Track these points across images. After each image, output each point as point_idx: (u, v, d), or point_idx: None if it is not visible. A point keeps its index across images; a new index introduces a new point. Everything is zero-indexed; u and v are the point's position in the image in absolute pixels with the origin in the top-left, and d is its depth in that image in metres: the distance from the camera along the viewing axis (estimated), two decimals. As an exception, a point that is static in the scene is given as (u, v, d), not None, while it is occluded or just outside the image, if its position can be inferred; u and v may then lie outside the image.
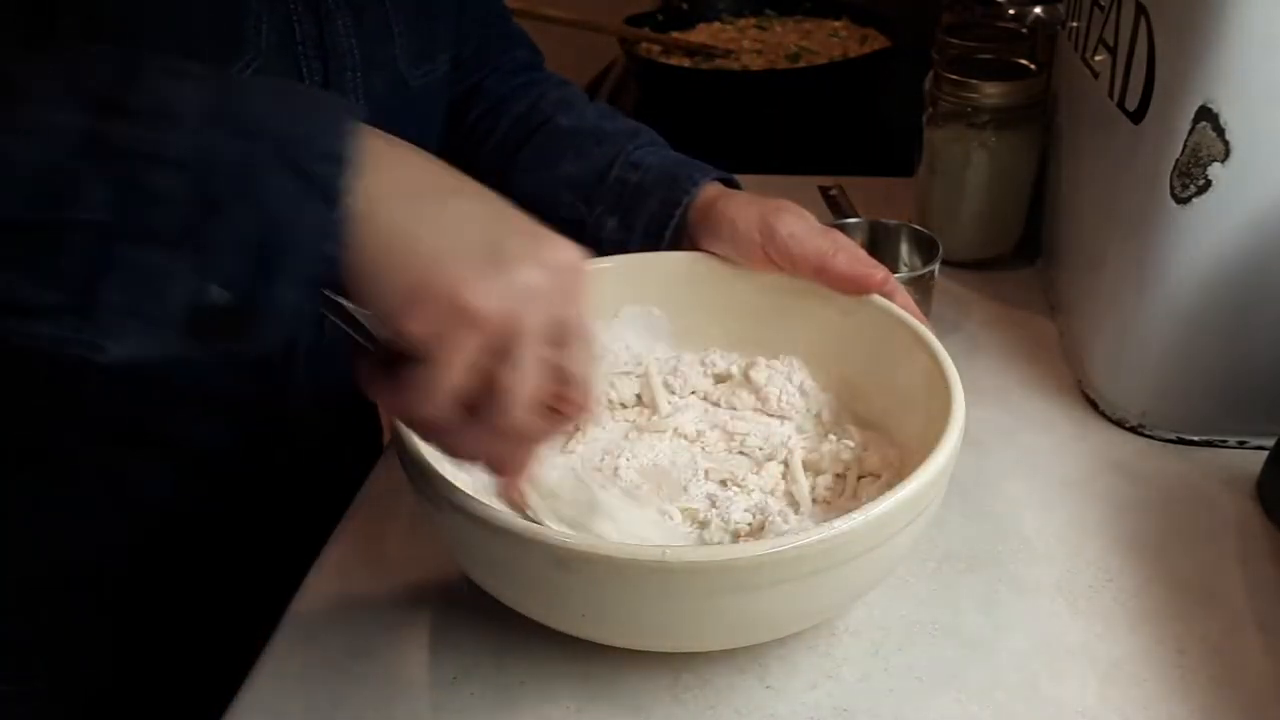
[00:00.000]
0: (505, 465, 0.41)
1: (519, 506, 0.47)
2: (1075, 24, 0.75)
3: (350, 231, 0.34)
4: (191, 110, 0.31)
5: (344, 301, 0.36)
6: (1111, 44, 0.66)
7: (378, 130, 0.36)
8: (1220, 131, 0.56)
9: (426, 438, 0.42)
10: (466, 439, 0.38)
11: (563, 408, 0.39)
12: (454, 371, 0.35)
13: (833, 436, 0.58)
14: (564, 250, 0.38)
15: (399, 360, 0.36)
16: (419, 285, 0.34)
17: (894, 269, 0.66)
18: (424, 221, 0.35)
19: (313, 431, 0.66)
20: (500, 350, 0.36)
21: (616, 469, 0.57)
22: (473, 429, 0.37)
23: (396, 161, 0.36)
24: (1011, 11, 0.97)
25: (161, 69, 0.32)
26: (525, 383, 0.37)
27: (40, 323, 0.32)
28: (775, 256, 0.60)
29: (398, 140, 0.37)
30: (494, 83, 0.74)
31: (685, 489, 0.56)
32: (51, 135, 0.30)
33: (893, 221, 0.77)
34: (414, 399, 0.36)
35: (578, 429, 0.49)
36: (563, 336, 0.38)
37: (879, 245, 0.77)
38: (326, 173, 0.33)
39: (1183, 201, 0.58)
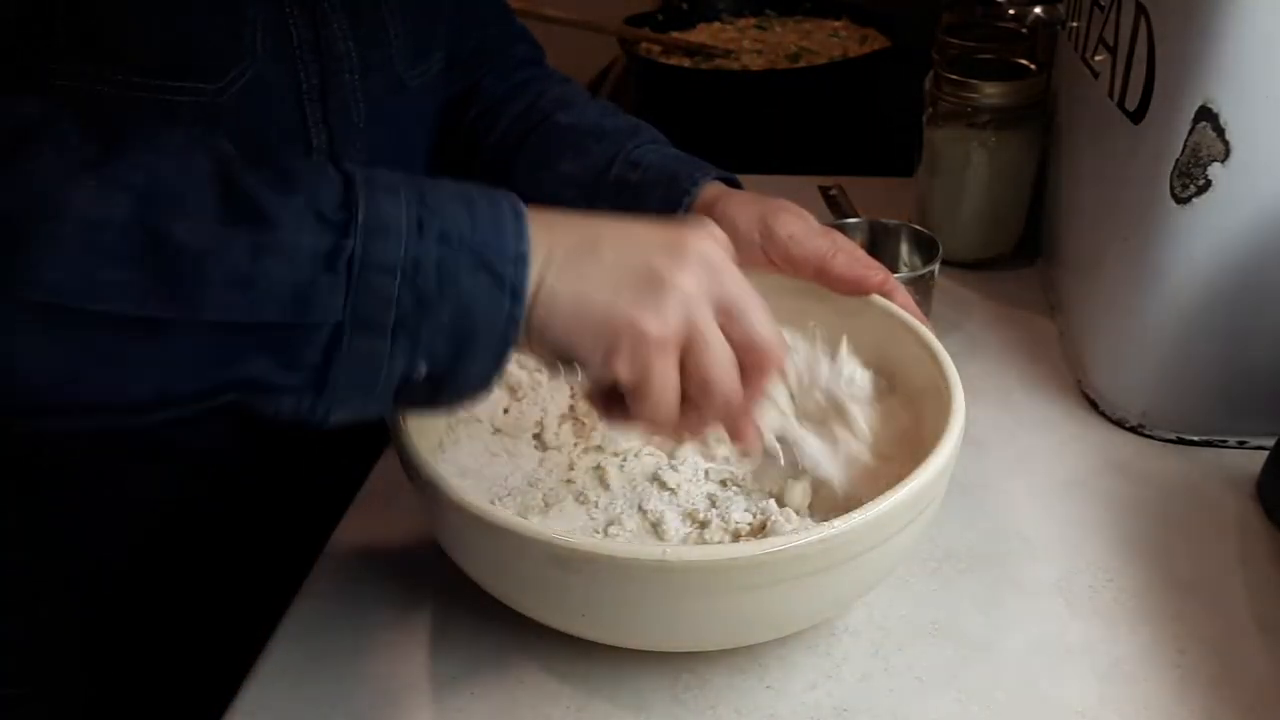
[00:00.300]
0: (736, 430, 0.47)
1: (758, 451, 0.54)
2: (1075, 24, 0.75)
3: (529, 309, 0.40)
4: (403, 226, 0.38)
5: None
6: (1111, 44, 0.66)
7: (533, 210, 0.42)
8: (1220, 131, 0.56)
9: (671, 437, 0.51)
10: (696, 422, 0.45)
11: (758, 365, 0.45)
12: (666, 389, 0.42)
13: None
14: (701, 242, 0.43)
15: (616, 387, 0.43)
16: (607, 335, 0.41)
17: (894, 269, 0.66)
18: (584, 282, 0.41)
19: (313, 432, 0.66)
20: (691, 350, 0.42)
21: (623, 464, 0.57)
22: (699, 413, 0.44)
23: (547, 239, 0.42)
24: (1011, 11, 0.97)
25: (375, 190, 0.39)
26: (720, 364, 0.43)
27: (281, 399, 0.39)
28: (774, 257, 0.60)
29: (542, 210, 0.42)
30: (493, 81, 0.74)
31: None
32: (299, 255, 0.37)
33: (893, 221, 0.77)
34: (649, 417, 0.43)
35: (782, 375, 0.56)
36: (731, 310, 0.43)
37: (879, 245, 0.77)
38: (512, 273, 0.39)
39: (1183, 201, 0.58)
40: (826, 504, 0.55)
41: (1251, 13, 0.53)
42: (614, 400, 0.44)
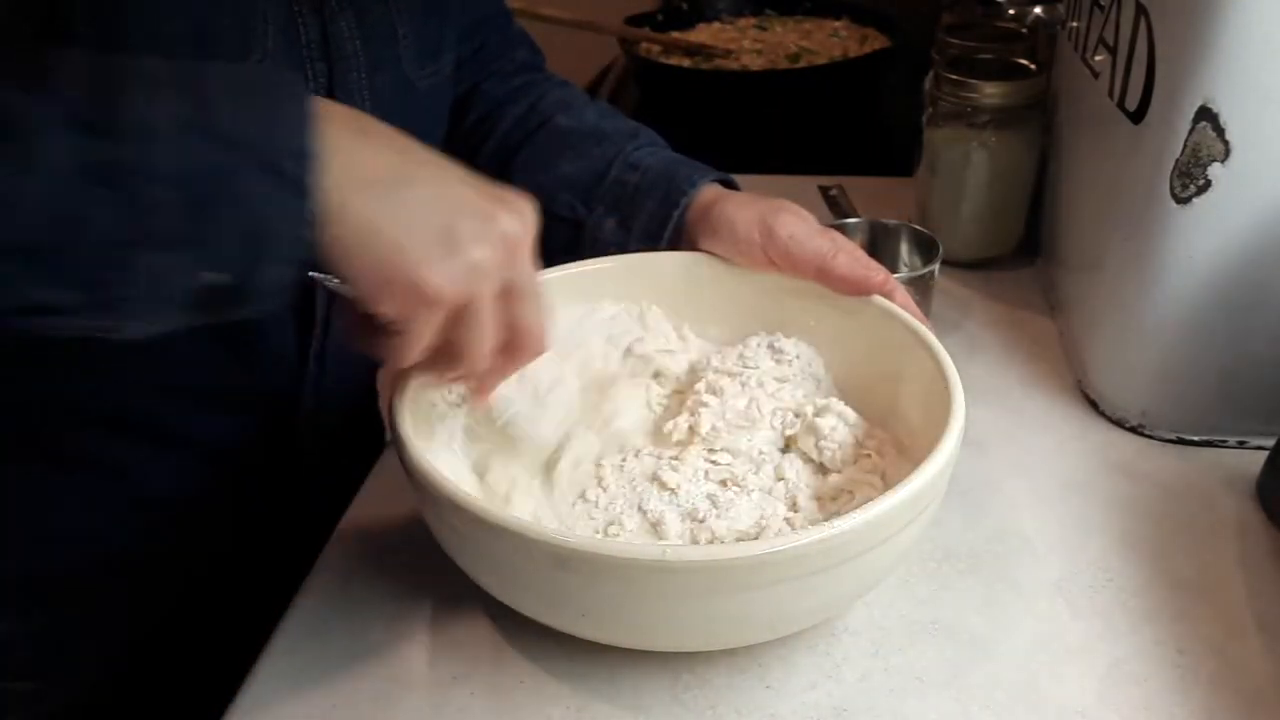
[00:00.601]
0: (475, 391, 0.50)
1: (485, 413, 0.55)
2: (1075, 24, 0.75)
3: (322, 218, 0.38)
4: (170, 124, 0.35)
5: (323, 276, 0.42)
6: (1111, 44, 0.66)
7: (332, 107, 0.40)
8: (1220, 131, 0.56)
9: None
10: (437, 372, 0.47)
11: (520, 348, 0.47)
12: (421, 340, 0.42)
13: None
14: (510, 220, 0.43)
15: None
16: (384, 273, 0.40)
17: (894, 269, 0.66)
18: (382, 214, 0.40)
19: (315, 431, 0.66)
20: (460, 317, 0.43)
21: (623, 464, 0.57)
22: (441, 368, 0.46)
23: (355, 149, 0.40)
24: (1011, 11, 0.97)
25: (138, 79, 0.36)
26: (482, 342, 0.44)
27: (62, 319, 0.36)
28: (775, 257, 0.60)
29: (354, 117, 0.41)
30: (493, 83, 0.74)
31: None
32: (54, 167, 0.34)
33: (893, 221, 0.77)
34: (391, 354, 0.43)
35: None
36: (513, 294, 0.44)
37: (879, 245, 0.77)
38: (296, 169, 0.37)
39: (1183, 201, 0.58)
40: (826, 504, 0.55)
41: (1251, 13, 0.53)
42: (367, 322, 0.43)
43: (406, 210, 0.40)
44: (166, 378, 0.57)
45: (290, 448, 0.65)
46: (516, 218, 0.43)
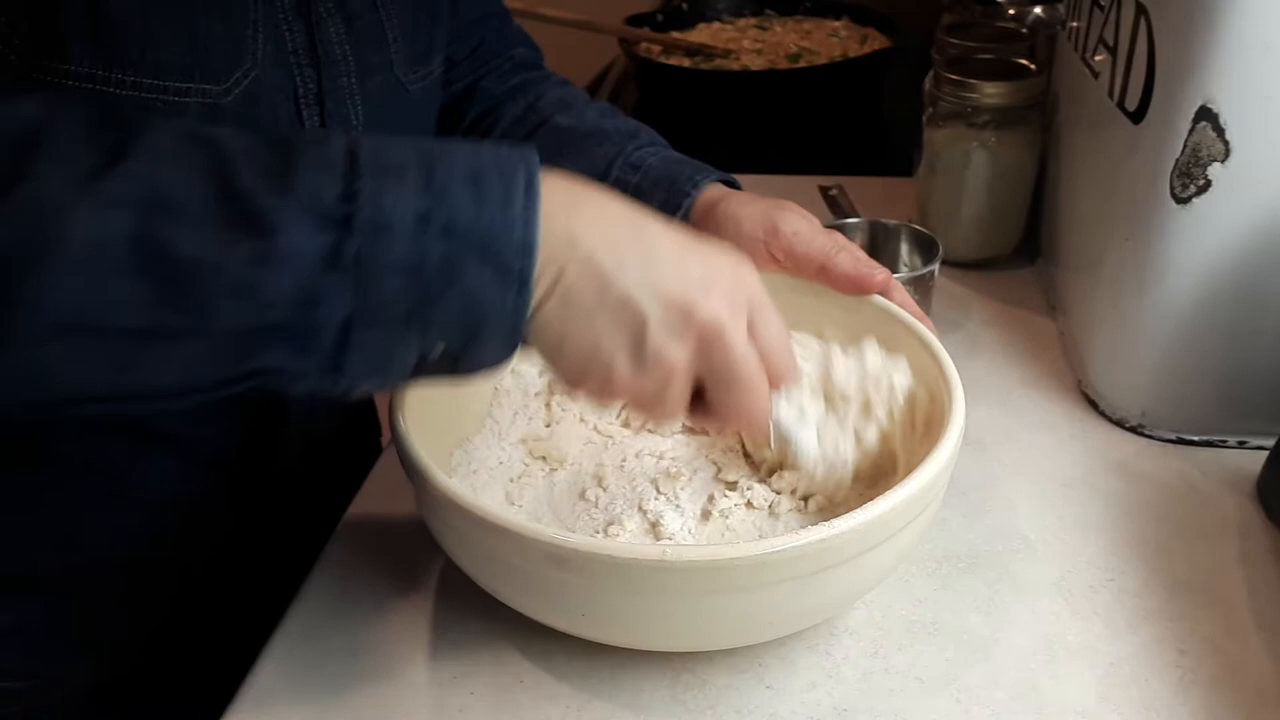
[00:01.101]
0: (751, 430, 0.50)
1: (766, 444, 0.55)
2: (1075, 24, 0.75)
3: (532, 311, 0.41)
4: (408, 219, 0.38)
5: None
6: (1111, 44, 0.66)
7: (553, 183, 0.41)
8: (1220, 131, 0.56)
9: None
10: (709, 420, 0.47)
11: (774, 374, 0.46)
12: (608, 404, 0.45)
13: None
14: (714, 302, 0.43)
15: None
16: (581, 371, 0.42)
17: (894, 269, 0.66)
18: (581, 322, 0.41)
19: (315, 431, 0.66)
20: (715, 350, 0.43)
21: (623, 464, 0.57)
22: (714, 412, 0.45)
23: (566, 241, 0.41)
24: (1011, 11, 0.97)
25: (378, 181, 0.38)
26: (675, 406, 0.44)
27: (299, 382, 0.39)
28: (778, 254, 0.60)
29: (569, 192, 0.42)
30: (492, 83, 0.74)
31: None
32: (301, 260, 0.37)
33: (893, 221, 0.77)
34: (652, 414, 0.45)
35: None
36: (717, 379, 0.44)
37: (879, 245, 0.77)
38: (518, 264, 0.39)
39: (1183, 201, 0.58)
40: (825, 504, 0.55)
41: (1251, 13, 0.53)
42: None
43: (600, 320, 0.41)
44: None
45: (284, 447, 0.65)
46: (721, 296, 0.43)
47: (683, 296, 0.42)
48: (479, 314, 0.39)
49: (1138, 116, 0.61)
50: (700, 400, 0.45)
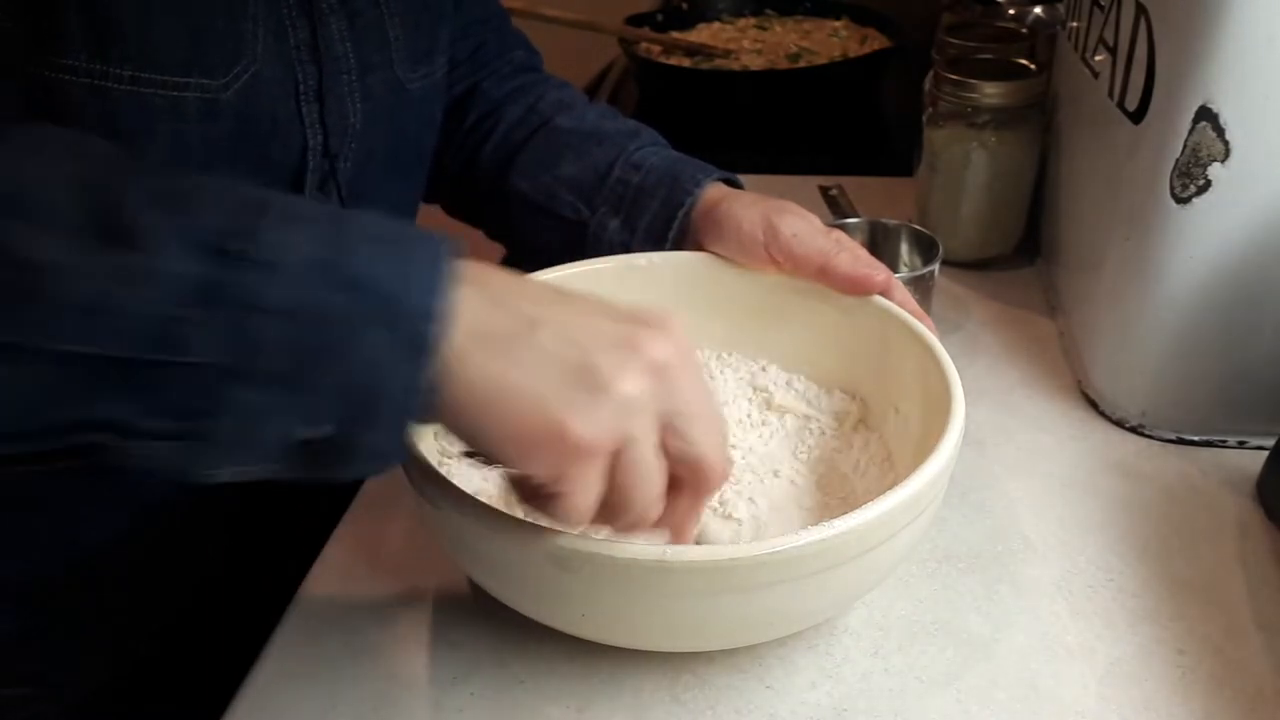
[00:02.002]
0: (672, 541, 0.43)
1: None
2: (1075, 24, 0.75)
3: (442, 383, 0.35)
4: (299, 261, 0.33)
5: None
6: (1111, 44, 0.66)
7: (467, 268, 0.37)
8: (1220, 131, 0.56)
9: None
10: (611, 525, 0.41)
11: (698, 482, 0.41)
12: (585, 497, 0.38)
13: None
14: (657, 344, 0.38)
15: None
16: (528, 433, 0.36)
17: (894, 269, 0.66)
18: (511, 366, 0.36)
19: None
20: (619, 461, 0.38)
21: None
22: (612, 515, 0.40)
23: (482, 302, 0.37)
24: (1011, 11, 0.97)
25: (278, 213, 0.34)
26: (650, 486, 0.39)
27: (142, 444, 0.34)
28: (778, 255, 0.60)
29: (482, 270, 0.38)
30: (491, 84, 0.74)
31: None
32: (164, 284, 0.32)
33: (893, 221, 0.77)
34: (559, 516, 0.39)
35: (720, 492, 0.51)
36: (675, 423, 0.39)
37: (879, 245, 0.77)
38: (419, 331, 0.34)
39: (1183, 201, 0.58)
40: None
41: (1251, 13, 0.53)
42: (527, 484, 0.40)
43: (536, 356, 0.36)
44: None
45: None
46: (663, 338, 0.39)
47: (627, 328, 0.38)
48: (366, 384, 0.34)
49: (1138, 116, 0.61)
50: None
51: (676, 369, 0.39)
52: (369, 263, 0.35)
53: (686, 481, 0.41)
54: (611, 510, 0.39)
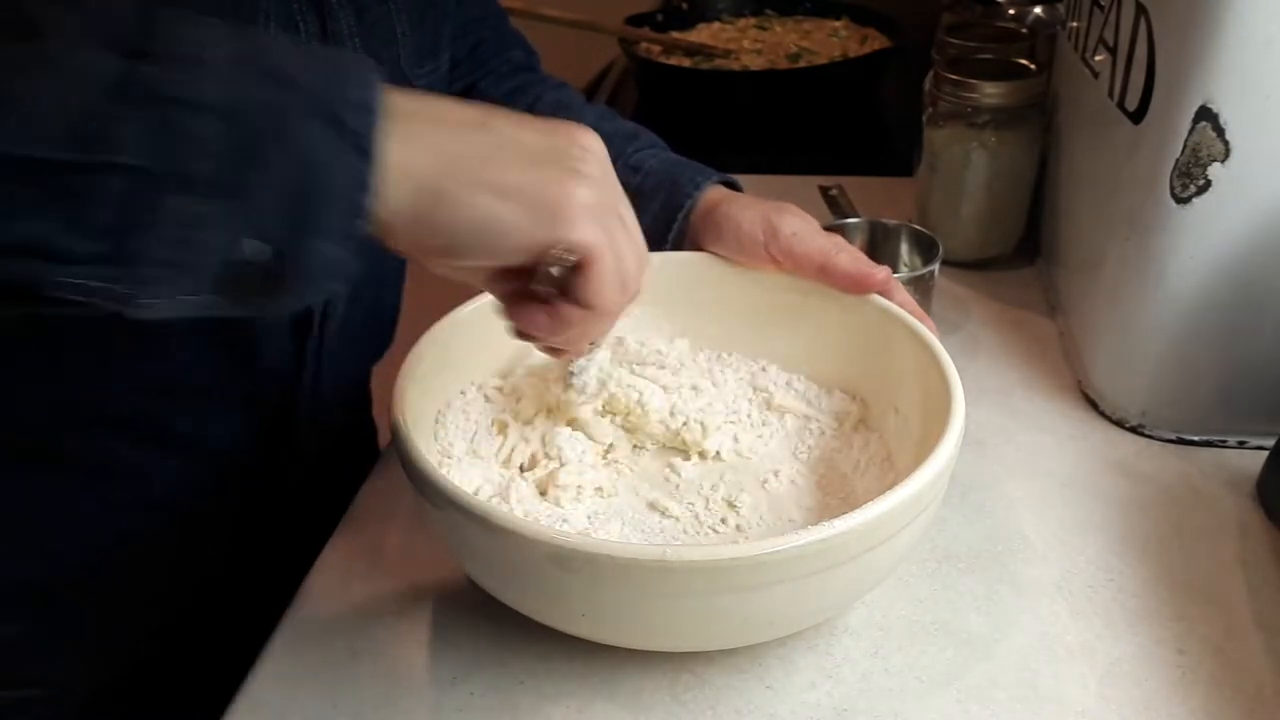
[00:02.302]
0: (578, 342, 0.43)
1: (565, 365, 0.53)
2: (1075, 24, 0.75)
3: (402, 176, 0.34)
4: (220, 56, 0.31)
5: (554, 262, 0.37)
6: (1111, 44, 0.66)
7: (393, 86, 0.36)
8: (1220, 131, 0.56)
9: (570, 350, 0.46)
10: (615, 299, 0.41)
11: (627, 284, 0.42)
12: (614, 258, 0.38)
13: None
14: (589, 136, 0.39)
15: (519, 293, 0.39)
16: (551, 200, 0.35)
17: (894, 269, 0.66)
18: (495, 158, 0.35)
19: (312, 431, 0.66)
20: (591, 263, 0.38)
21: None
22: (628, 290, 0.41)
23: (424, 109, 0.36)
24: (1011, 11, 0.97)
25: (183, 18, 0.31)
26: (641, 251, 0.41)
27: (71, 269, 0.30)
28: (778, 255, 0.60)
29: (416, 91, 0.38)
30: (489, 84, 0.74)
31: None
32: (81, 75, 0.29)
33: (893, 221, 0.77)
34: (597, 301, 0.39)
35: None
36: (621, 211, 0.41)
37: (879, 245, 0.77)
38: (360, 122, 0.32)
39: (1183, 201, 0.58)
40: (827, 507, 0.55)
41: (1251, 13, 0.53)
42: (529, 301, 0.39)
43: (499, 139, 0.36)
44: (165, 379, 0.57)
45: (288, 448, 0.65)
46: (583, 131, 0.39)
47: (560, 134, 0.38)
48: (311, 185, 0.32)
49: (1138, 116, 0.61)
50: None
51: (609, 165, 0.40)
52: (296, 61, 0.32)
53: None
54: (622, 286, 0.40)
